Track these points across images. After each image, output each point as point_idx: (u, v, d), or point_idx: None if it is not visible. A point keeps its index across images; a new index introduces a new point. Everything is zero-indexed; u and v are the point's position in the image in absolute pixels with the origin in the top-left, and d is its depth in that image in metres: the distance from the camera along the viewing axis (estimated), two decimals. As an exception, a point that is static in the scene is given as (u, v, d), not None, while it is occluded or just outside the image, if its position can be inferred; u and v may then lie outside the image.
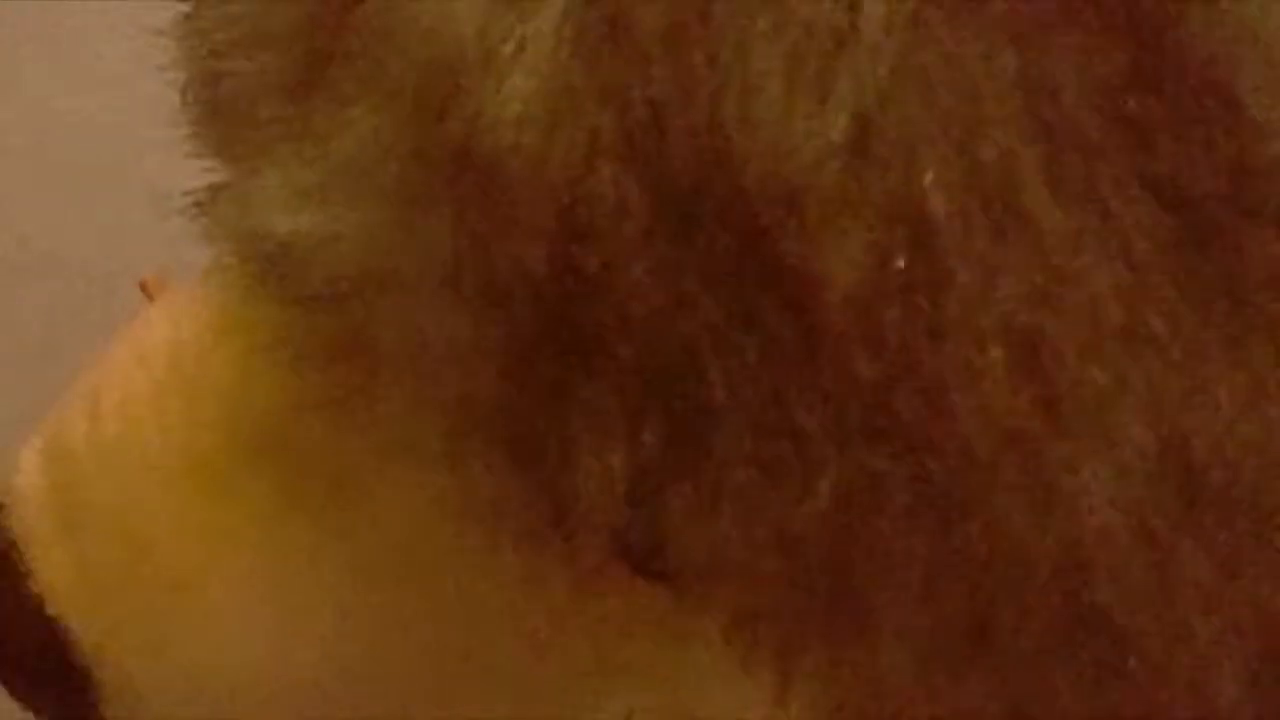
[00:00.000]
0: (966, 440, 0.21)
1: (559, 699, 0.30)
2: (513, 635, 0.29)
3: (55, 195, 1.32)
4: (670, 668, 0.28)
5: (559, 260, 0.22)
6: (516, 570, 0.27)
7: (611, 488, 0.23)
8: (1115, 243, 0.20)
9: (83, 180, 1.32)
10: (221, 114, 0.27)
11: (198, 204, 0.27)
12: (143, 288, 1.20)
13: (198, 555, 0.29)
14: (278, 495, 0.28)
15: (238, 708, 0.30)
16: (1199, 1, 0.20)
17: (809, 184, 0.21)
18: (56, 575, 0.30)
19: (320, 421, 0.27)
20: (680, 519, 0.23)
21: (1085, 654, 0.22)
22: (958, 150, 0.20)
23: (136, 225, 1.32)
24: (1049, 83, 0.20)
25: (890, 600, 0.22)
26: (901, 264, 0.21)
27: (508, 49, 0.22)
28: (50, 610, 0.30)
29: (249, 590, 0.29)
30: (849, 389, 0.21)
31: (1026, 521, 0.21)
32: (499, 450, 0.24)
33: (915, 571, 0.22)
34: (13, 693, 0.31)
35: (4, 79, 1.30)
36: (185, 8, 0.29)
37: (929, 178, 0.20)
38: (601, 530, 0.24)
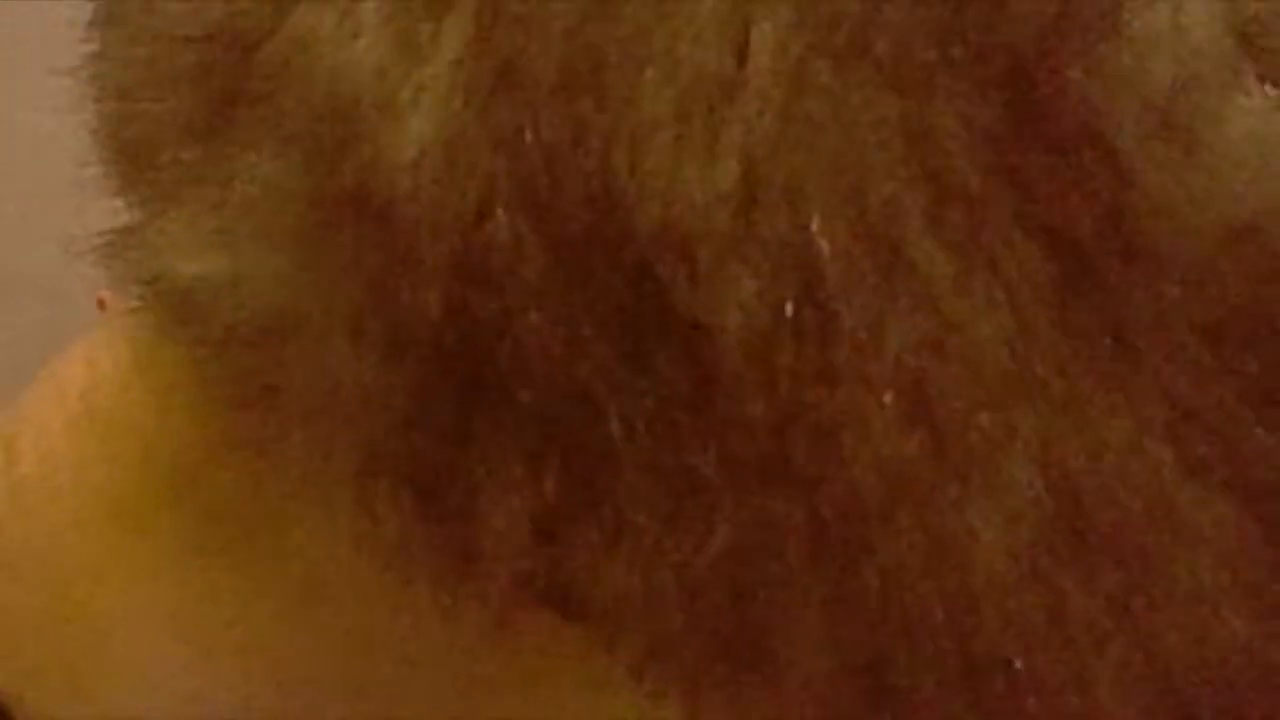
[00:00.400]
0: (859, 484, 0.21)
1: None
2: (429, 674, 0.29)
3: (16, 212, 1.32)
4: (586, 707, 0.28)
5: (455, 305, 0.22)
6: (430, 610, 0.27)
7: (515, 531, 0.23)
8: (999, 288, 0.21)
9: (44, 198, 1.32)
10: (128, 155, 0.27)
11: (106, 245, 0.27)
12: (100, 305, 1.19)
13: (114, 596, 0.29)
14: (192, 535, 0.28)
15: None
16: (1076, 52, 0.20)
17: (699, 231, 0.21)
18: None
19: (232, 462, 0.27)
20: (583, 561, 0.23)
21: (984, 698, 0.22)
22: (844, 197, 0.21)
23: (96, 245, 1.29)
24: (931, 131, 0.20)
25: (791, 642, 0.22)
26: (791, 310, 0.21)
27: (404, 95, 0.22)
28: None
29: (165, 631, 0.29)
30: (743, 433, 0.21)
31: (919, 565, 0.21)
32: (405, 494, 0.24)
33: (813, 614, 0.22)
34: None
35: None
36: (94, 47, 0.29)
37: (816, 224, 0.21)
38: (506, 574, 0.24)
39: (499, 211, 0.22)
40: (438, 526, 0.24)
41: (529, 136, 0.21)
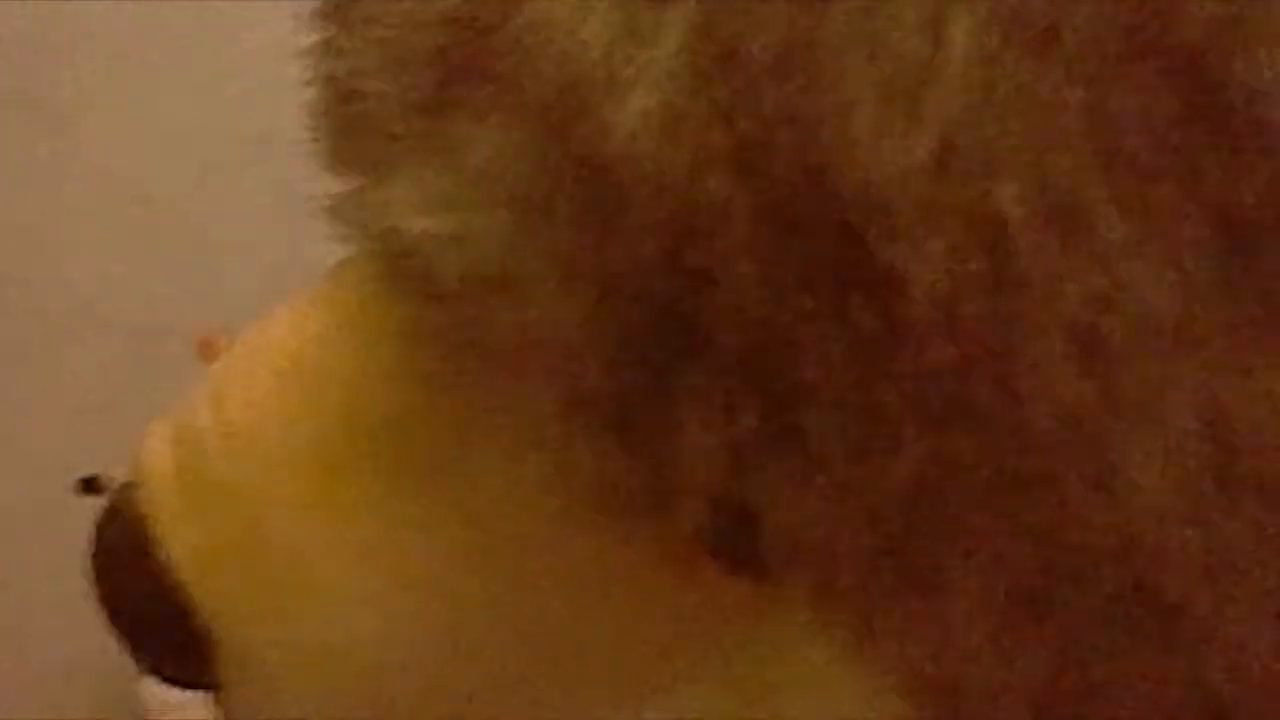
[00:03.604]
0: (1035, 423, 0.24)
1: (635, 685, 0.33)
2: (600, 618, 0.31)
3: (108, 251, 1.36)
4: (753, 652, 0.31)
5: (670, 258, 0.25)
6: (610, 552, 0.29)
7: (710, 467, 0.26)
8: (1168, 253, 0.23)
9: (134, 238, 1.36)
10: (357, 129, 0.30)
11: (333, 206, 0.30)
12: (199, 346, 1.22)
13: (314, 532, 0.32)
14: (393, 476, 0.31)
15: (346, 676, 0.32)
16: (1243, 51, 0.23)
17: (898, 194, 0.24)
18: (182, 546, 0.32)
19: (435, 407, 0.30)
20: (773, 493, 0.25)
21: (1141, 623, 0.25)
22: (1029, 169, 0.23)
23: (183, 283, 1.36)
24: (1112, 114, 0.23)
25: (963, 570, 0.25)
26: (978, 265, 0.23)
27: (629, 72, 0.25)
28: (176, 578, 0.32)
29: (361, 566, 0.31)
30: (929, 376, 0.24)
31: (1086, 497, 0.24)
32: (606, 433, 0.27)
33: (986, 543, 0.24)
34: (135, 655, 0.34)
35: (67, 138, 1.34)
36: (323, 33, 0.32)
37: (1003, 190, 0.23)
38: (698, 508, 0.26)
39: (713, 175, 0.25)
40: (634, 463, 0.27)
41: (746, 110, 0.24)
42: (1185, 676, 0.25)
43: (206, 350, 1.15)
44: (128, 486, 0.34)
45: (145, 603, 0.33)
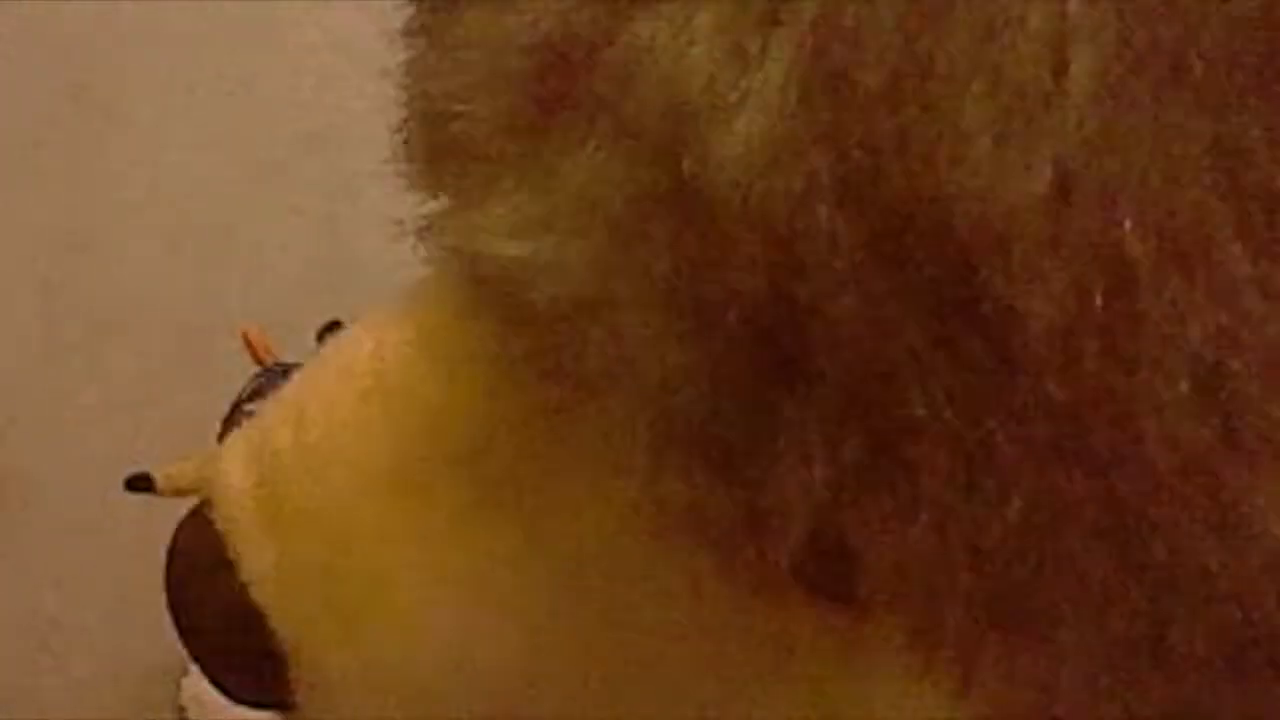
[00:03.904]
0: (1153, 464, 0.23)
1: (717, 710, 0.32)
2: (684, 645, 0.31)
3: (160, 247, 1.37)
4: (836, 681, 0.30)
5: (773, 289, 0.25)
6: (698, 581, 0.29)
7: (809, 499, 0.25)
8: None
9: (186, 233, 1.37)
10: (448, 150, 0.30)
11: (424, 228, 0.30)
12: (244, 338, 1.23)
13: (393, 555, 0.31)
14: (474, 502, 0.31)
15: (421, 701, 0.32)
16: None
17: (1015, 228, 0.23)
18: (260, 566, 0.32)
19: (521, 434, 0.30)
20: (875, 529, 0.25)
21: (1254, 666, 0.24)
22: (1154, 202, 0.23)
23: (235, 279, 1.36)
24: (1240, 146, 0.23)
25: (1071, 607, 0.24)
26: (1099, 302, 0.23)
27: (734, 97, 0.25)
28: (252, 598, 0.32)
29: (439, 591, 0.31)
30: (1044, 413, 0.23)
31: (1206, 541, 0.23)
32: (699, 464, 0.27)
33: (1098, 585, 0.24)
34: (210, 674, 0.34)
35: (120, 134, 1.35)
36: (412, 53, 0.32)
37: (1127, 226, 0.23)
38: (794, 540, 0.26)
39: (820, 205, 0.24)
40: (729, 495, 0.26)
41: (855, 138, 0.24)
42: None
43: (248, 347, 1.15)
44: (204, 504, 0.34)
45: (221, 622, 0.33)
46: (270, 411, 0.34)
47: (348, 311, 1.25)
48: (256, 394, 1.15)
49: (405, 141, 0.32)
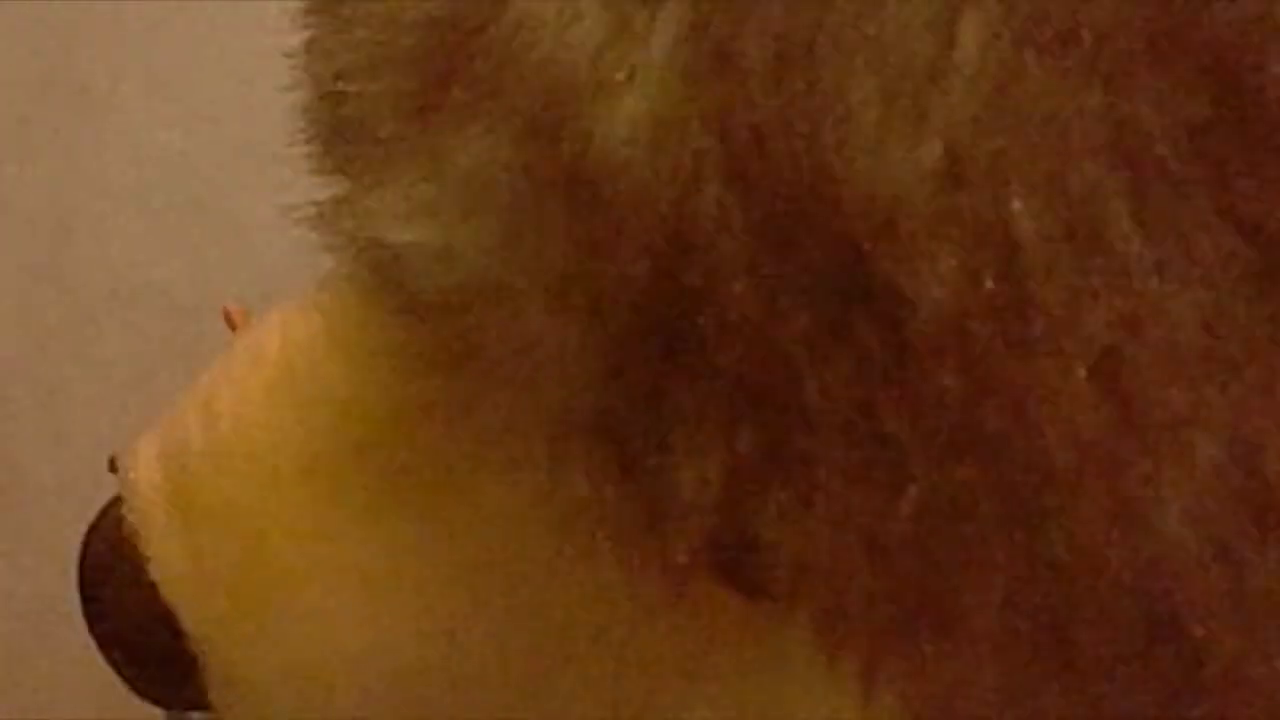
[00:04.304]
0: (1050, 454, 0.22)
1: (641, 707, 0.31)
2: (601, 640, 0.30)
3: (145, 228, 1.36)
4: (753, 675, 0.29)
5: (662, 273, 0.24)
6: (609, 574, 0.28)
7: (706, 491, 0.24)
8: (1196, 272, 0.21)
9: (172, 214, 1.36)
10: (343, 133, 0.29)
11: (318, 214, 0.29)
12: (226, 318, 1.23)
13: (303, 552, 0.31)
14: (382, 497, 0.30)
15: (334, 701, 0.31)
16: (1277, 52, 0.21)
17: (903, 207, 0.22)
18: (171, 565, 0.31)
19: (425, 426, 0.29)
20: (772, 521, 0.24)
21: (1162, 662, 0.23)
22: (1046, 180, 0.22)
23: (221, 259, 1.37)
24: (1135, 120, 0.21)
25: (973, 604, 0.23)
26: (990, 285, 0.22)
27: (619, 76, 0.24)
28: (164, 598, 0.31)
29: (350, 588, 0.30)
30: (937, 401, 0.22)
31: (1106, 533, 0.22)
32: (598, 454, 0.26)
33: (998, 579, 0.23)
34: (122, 674, 0.33)
35: (104, 115, 1.34)
36: (310, 32, 0.31)
37: (1017, 205, 0.22)
38: (695, 533, 0.25)
39: (708, 186, 0.23)
40: (628, 488, 0.25)
41: (741, 116, 0.23)
42: None
43: (233, 327, 1.15)
44: (115, 502, 0.33)
45: (132, 623, 0.32)
46: (181, 403, 0.34)
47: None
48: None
49: (303, 124, 0.31)
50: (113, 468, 1.06)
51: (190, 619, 0.31)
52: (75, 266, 1.37)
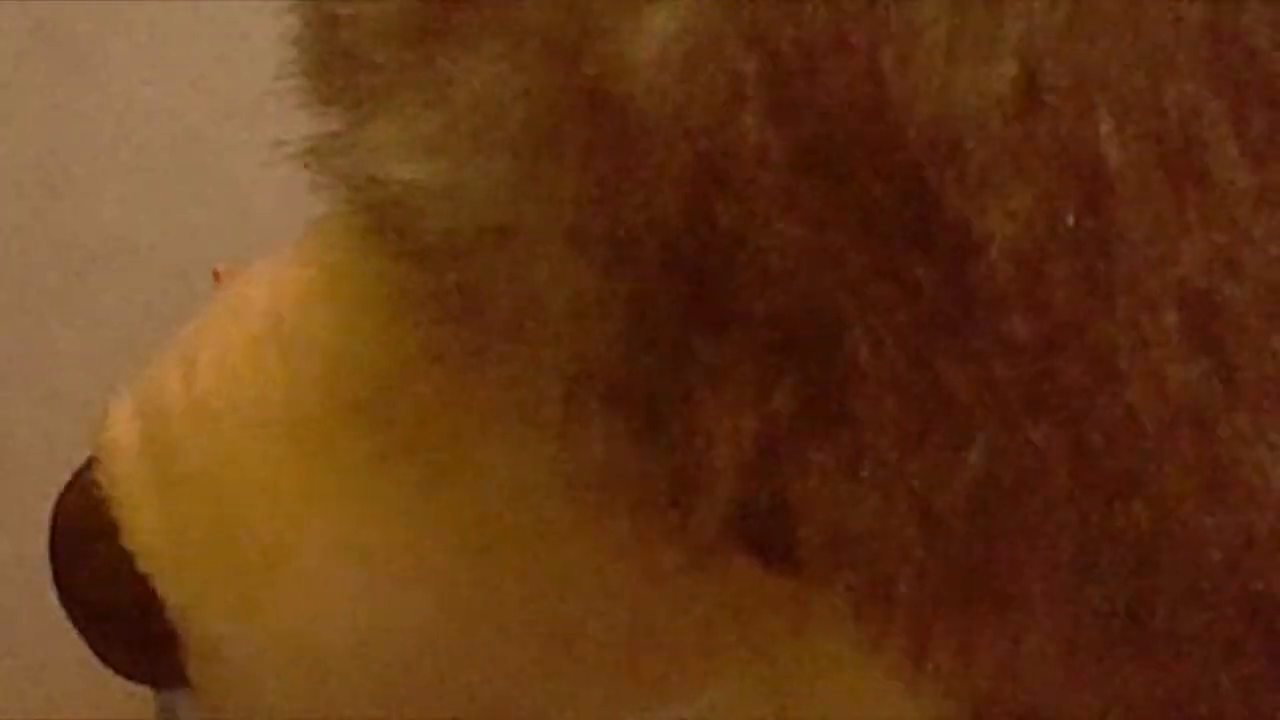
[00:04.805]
0: (1134, 411, 0.20)
1: (658, 683, 0.29)
2: (616, 613, 0.27)
3: (134, 186, 1.34)
4: (777, 652, 0.27)
5: (694, 211, 0.21)
6: (625, 544, 0.25)
7: (738, 454, 0.22)
8: None
9: (161, 172, 1.33)
10: (337, 61, 0.26)
11: (309, 150, 0.26)
12: (216, 278, 1.21)
13: (292, 518, 0.28)
14: (378, 457, 0.27)
15: (327, 677, 0.29)
16: None
17: (973, 134, 0.20)
18: (148, 533, 0.29)
19: (426, 381, 0.26)
20: (812, 486, 0.22)
21: (1254, 648, 0.21)
22: (1137, 100, 0.19)
23: (212, 218, 1.34)
24: (1240, 33, 0.19)
25: (1038, 579, 0.21)
26: (1071, 220, 0.19)
27: None
28: (140, 568, 0.29)
29: (343, 556, 0.28)
30: (1006, 352, 0.20)
31: (1197, 500, 0.20)
32: (617, 415, 0.23)
33: (1068, 549, 0.20)
34: (96, 649, 0.31)
35: (91, 72, 1.31)
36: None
37: (1104, 128, 0.19)
38: (723, 501, 0.23)
39: (748, 112, 0.21)
40: (650, 451, 0.23)
41: (786, 32, 0.20)
42: None
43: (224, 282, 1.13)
44: (88, 464, 0.30)
45: (105, 593, 0.30)
46: (160, 361, 0.31)
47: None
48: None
49: (296, 53, 0.28)
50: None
51: (168, 590, 0.29)
52: (62, 226, 1.34)
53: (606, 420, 0.23)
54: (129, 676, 0.31)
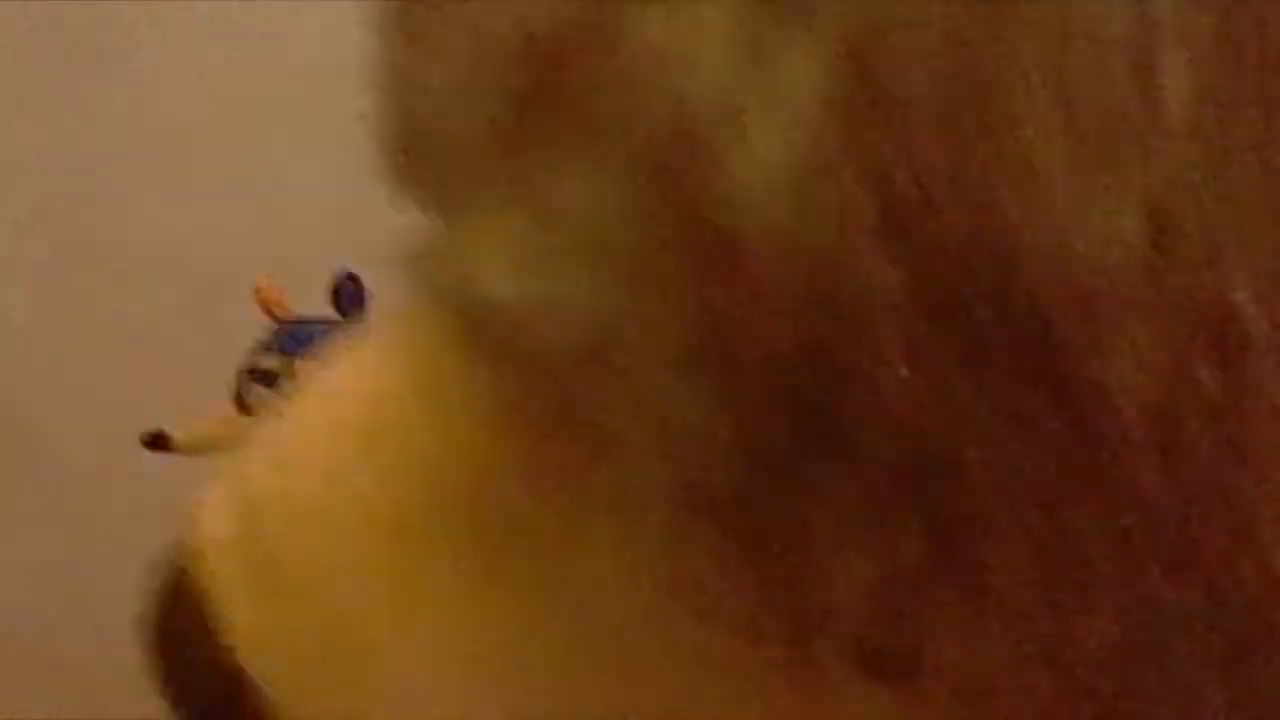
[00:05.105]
0: (1275, 572, 0.19)
1: None
2: None
3: (169, 189, 1.34)
4: None
5: (808, 345, 0.21)
6: (733, 667, 0.25)
7: (861, 593, 0.22)
8: None
9: (196, 175, 1.33)
10: (423, 156, 0.26)
11: (404, 253, 0.26)
12: (258, 292, 1.20)
13: (388, 622, 0.28)
14: (477, 565, 0.27)
15: None
16: None
17: (1101, 284, 0.19)
18: (246, 628, 0.29)
19: (527, 487, 0.26)
20: (939, 633, 0.21)
21: None
22: (1271, 254, 0.19)
23: (245, 221, 1.34)
24: None
25: None
26: (1204, 375, 0.19)
27: (755, 111, 0.21)
28: (239, 663, 0.29)
29: (439, 661, 0.28)
30: (1139, 509, 0.20)
31: None
32: (725, 540, 0.23)
33: (1207, 707, 0.20)
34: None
35: (126, 74, 1.31)
36: (388, 49, 0.28)
37: (1237, 282, 0.19)
38: (842, 632, 0.22)
39: (862, 243, 0.20)
40: (764, 580, 0.23)
41: (901, 164, 0.20)
42: None
43: (261, 300, 1.13)
44: (184, 554, 0.31)
45: (206, 687, 0.30)
46: (250, 453, 0.31)
47: (360, 258, 1.22)
48: (270, 348, 1.12)
49: (378, 145, 0.28)
50: (144, 443, 1.04)
51: (267, 687, 0.29)
52: (95, 233, 1.35)
53: (714, 544, 0.23)
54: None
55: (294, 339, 1.10)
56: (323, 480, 0.29)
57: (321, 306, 1.12)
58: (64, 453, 1.32)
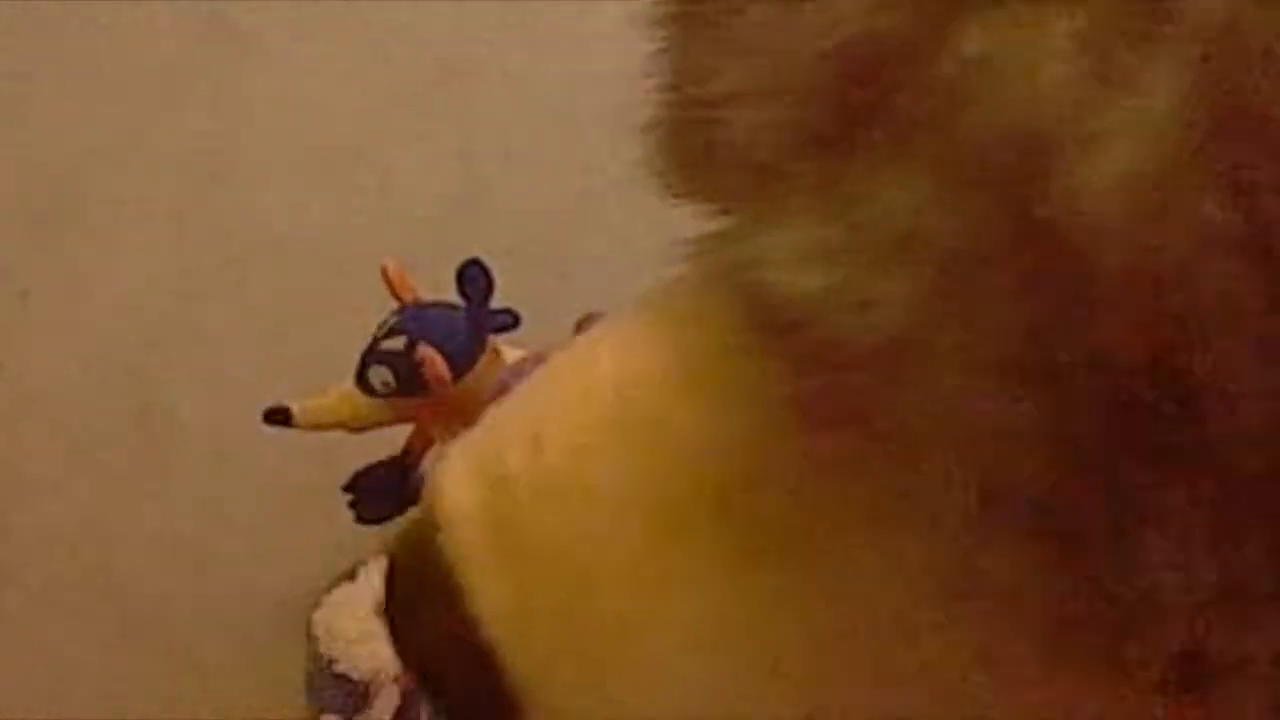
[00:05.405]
0: None
1: None
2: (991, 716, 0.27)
3: (295, 176, 1.36)
4: None
5: (1153, 355, 0.21)
6: (998, 655, 0.25)
7: (1189, 601, 0.22)
8: None
9: (322, 164, 1.35)
10: (718, 158, 0.26)
11: (693, 244, 0.27)
12: (384, 273, 1.22)
13: (644, 602, 0.28)
14: (741, 550, 0.27)
15: None
16: None
17: None
18: (494, 601, 0.29)
19: (796, 481, 0.27)
20: (1256, 645, 0.21)
21: None
22: None
23: (368, 211, 1.35)
24: None
25: None
26: None
27: (1102, 126, 0.21)
28: (485, 635, 0.30)
29: (695, 644, 0.28)
30: None
31: None
32: (1035, 542, 0.23)
33: None
34: (436, 704, 0.31)
35: (257, 62, 1.33)
36: (668, 45, 0.28)
37: None
38: (1160, 646, 0.22)
39: (1220, 259, 0.20)
40: (1066, 580, 0.23)
41: (1262, 180, 0.20)
42: None
43: (388, 282, 1.14)
44: (427, 528, 0.31)
45: (450, 657, 0.30)
46: (495, 428, 0.32)
47: (483, 247, 1.22)
48: (395, 331, 1.13)
49: (658, 144, 0.28)
50: (267, 419, 1.05)
51: (514, 659, 0.29)
52: (224, 214, 1.37)
53: (1020, 545, 0.23)
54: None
55: (417, 322, 1.11)
56: (575, 460, 0.29)
57: (445, 292, 1.13)
58: (193, 432, 1.34)
